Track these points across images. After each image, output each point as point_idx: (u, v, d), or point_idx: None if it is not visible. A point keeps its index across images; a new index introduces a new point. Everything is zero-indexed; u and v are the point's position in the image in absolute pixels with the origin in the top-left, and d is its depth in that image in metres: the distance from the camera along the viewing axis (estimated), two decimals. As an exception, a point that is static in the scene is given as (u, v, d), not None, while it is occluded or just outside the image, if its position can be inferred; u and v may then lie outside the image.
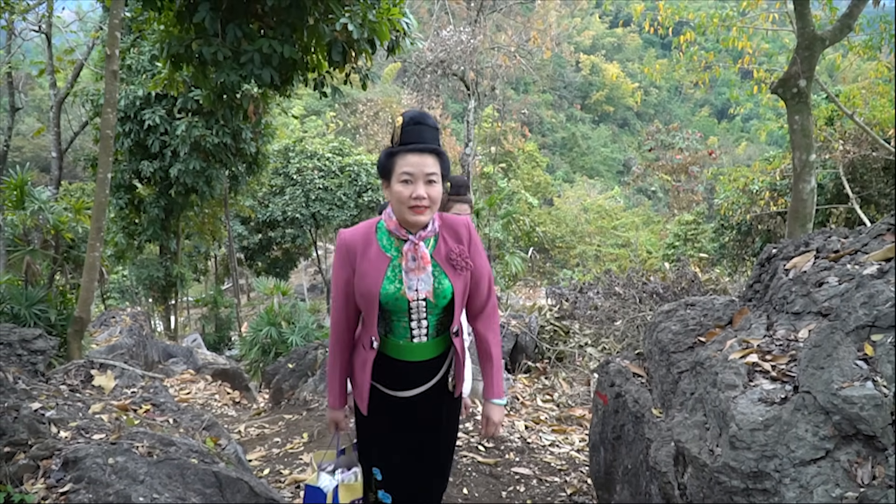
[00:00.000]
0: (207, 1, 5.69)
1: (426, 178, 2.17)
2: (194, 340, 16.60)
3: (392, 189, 2.20)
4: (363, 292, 2.28)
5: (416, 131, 2.21)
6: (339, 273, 2.35)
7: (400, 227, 2.26)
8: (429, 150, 2.19)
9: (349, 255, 2.31)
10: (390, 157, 2.22)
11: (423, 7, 25.77)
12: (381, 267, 2.28)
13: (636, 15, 11.77)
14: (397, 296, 2.28)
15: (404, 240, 2.28)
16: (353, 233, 2.34)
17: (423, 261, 2.28)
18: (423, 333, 2.39)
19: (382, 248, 2.31)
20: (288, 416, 6.27)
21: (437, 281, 2.31)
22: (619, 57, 69.23)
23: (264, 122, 14.94)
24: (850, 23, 6.61)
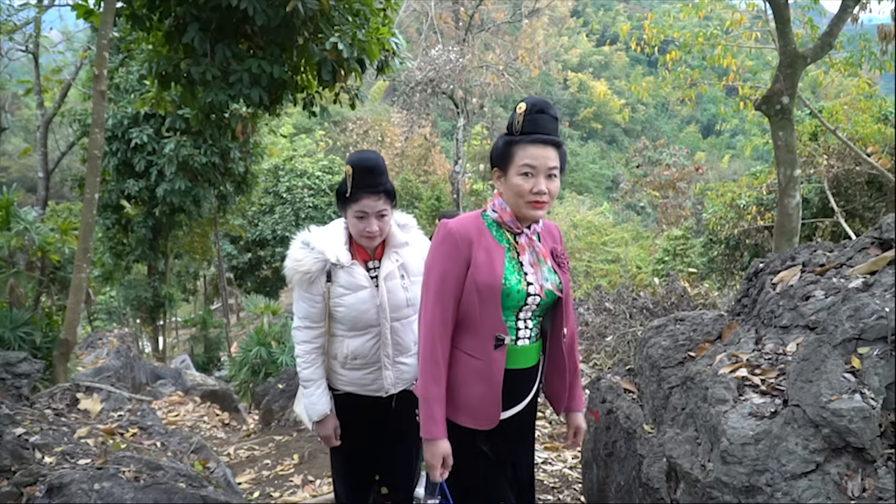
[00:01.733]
0: (196, 21, 5.70)
1: (548, 171, 2.06)
2: (183, 361, 16.46)
3: (509, 181, 2.08)
4: (484, 284, 2.06)
5: (539, 121, 2.06)
6: (448, 266, 2.09)
7: (515, 220, 2.13)
8: (552, 142, 2.06)
9: (462, 244, 2.08)
10: (509, 146, 2.07)
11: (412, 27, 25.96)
12: (498, 257, 2.10)
13: (622, 34, 11.90)
14: (518, 288, 2.10)
15: (517, 233, 2.16)
16: (463, 222, 2.14)
17: (543, 255, 2.18)
18: (528, 336, 2.20)
19: (496, 239, 2.14)
20: (278, 438, 6.21)
21: (549, 276, 2.18)
22: (606, 74, 69.80)
23: (253, 141, 14.95)
24: (830, 41, 6.72)
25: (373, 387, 2.68)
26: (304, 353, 2.64)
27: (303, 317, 2.62)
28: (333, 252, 2.56)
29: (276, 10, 5.50)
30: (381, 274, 2.63)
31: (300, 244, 2.62)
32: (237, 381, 11.24)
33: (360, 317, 2.59)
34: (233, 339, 20.38)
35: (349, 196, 2.51)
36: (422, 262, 2.70)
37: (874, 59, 9.54)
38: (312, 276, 2.56)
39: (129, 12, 5.84)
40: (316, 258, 2.55)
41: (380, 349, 2.65)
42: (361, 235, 2.56)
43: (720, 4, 11.17)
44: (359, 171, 2.51)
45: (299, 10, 5.46)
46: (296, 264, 2.56)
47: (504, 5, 24.30)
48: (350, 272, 2.58)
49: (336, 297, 2.58)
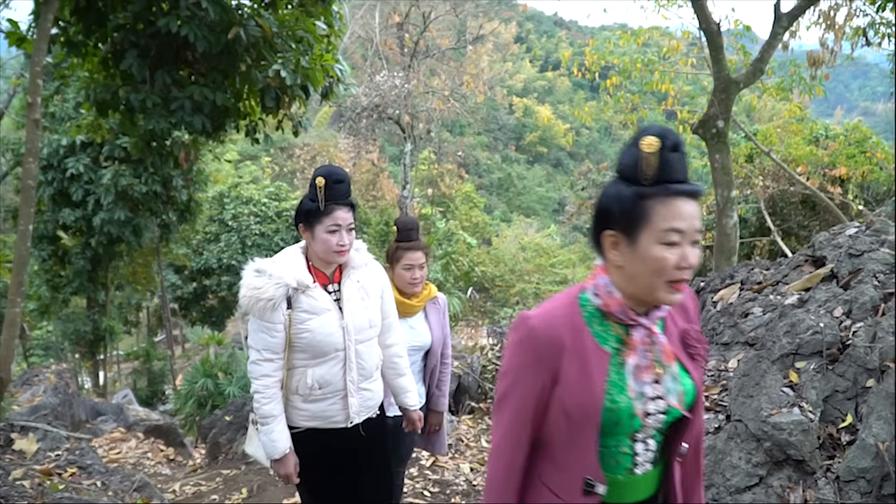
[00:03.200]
0: (135, 47, 5.61)
1: (694, 237, 1.44)
2: (125, 396, 15.94)
3: (641, 251, 1.42)
4: (577, 407, 1.48)
5: (676, 163, 1.43)
6: (527, 383, 1.52)
7: (628, 309, 1.49)
8: (696, 193, 1.44)
9: (549, 352, 1.49)
10: (642, 200, 1.42)
11: (357, 53, 26.05)
12: (600, 370, 1.49)
13: (564, 60, 12.18)
14: (630, 413, 1.49)
15: (629, 325, 1.52)
16: (552, 319, 1.52)
17: (666, 355, 1.52)
18: (649, 459, 1.58)
19: (598, 340, 1.51)
20: (226, 472, 6.05)
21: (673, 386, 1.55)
22: (550, 99, 71.14)
23: (196, 168, 14.71)
24: (761, 66, 7.00)
25: (337, 417, 2.59)
26: (263, 388, 2.50)
27: (262, 349, 2.49)
28: (293, 276, 2.46)
29: (217, 37, 5.46)
30: (344, 296, 2.57)
31: (254, 272, 2.49)
32: (182, 414, 10.95)
33: (325, 341, 2.50)
34: (178, 372, 19.86)
35: (322, 209, 2.44)
36: (378, 284, 2.73)
37: (804, 85, 9.95)
38: (276, 301, 2.43)
39: (64, 38, 5.71)
40: (277, 283, 2.44)
41: (345, 374, 2.56)
42: (332, 251, 2.48)
43: (657, 32, 11.53)
44: (331, 183, 2.45)
45: (241, 36, 5.43)
46: (255, 292, 2.43)
47: (448, 32, 24.63)
48: (312, 295, 2.49)
49: (299, 323, 2.47)
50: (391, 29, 22.53)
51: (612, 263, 1.50)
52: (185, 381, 11.36)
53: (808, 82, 9.87)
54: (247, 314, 2.52)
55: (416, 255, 3.12)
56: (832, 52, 9.57)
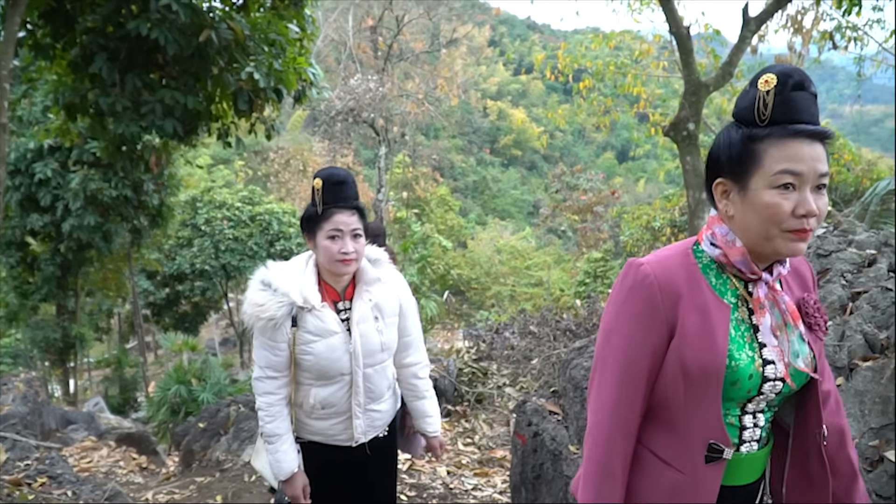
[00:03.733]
0: (104, 50, 5.54)
1: (818, 180, 1.31)
2: (96, 404, 15.70)
3: (752, 197, 1.30)
4: (697, 364, 1.32)
5: (798, 101, 1.30)
6: (639, 333, 1.36)
7: (750, 260, 1.35)
8: (821, 134, 1.31)
9: (665, 299, 1.35)
10: (752, 142, 1.30)
11: (331, 56, 25.97)
12: (722, 322, 1.35)
13: (537, 63, 12.28)
14: (751, 371, 1.34)
15: (750, 280, 1.39)
16: (665, 264, 1.38)
17: (792, 315, 1.39)
18: (756, 437, 1.43)
19: (717, 292, 1.38)
20: (200, 479, 5.98)
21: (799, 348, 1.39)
22: (524, 102, 71.55)
23: (168, 173, 14.54)
24: (730, 70, 7.10)
25: (341, 437, 2.47)
26: (266, 405, 2.37)
27: (264, 366, 2.35)
28: (300, 293, 2.28)
29: (188, 40, 5.40)
30: (354, 317, 2.37)
31: (260, 285, 2.31)
32: (155, 422, 10.81)
33: (330, 365, 2.34)
34: (150, 379, 19.60)
35: (320, 213, 2.29)
36: (396, 302, 2.50)
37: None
38: (277, 322, 2.26)
39: (32, 41, 5.62)
40: (280, 301, 2.26)
41: (351, 398, 2.41)
42: (335, 260, 2.28)
43: (629, 35, 11.67)
44: (329, 185, 2.29)
45: (213, 39, 5.38)
46: (257, 310, 2.26)
47: (422, 35, 24.66)
48: (319, 316, 2.30)
49: (303, 343, 2.31)
50: (365, 32, 22.52)
51: (724, 214, 1.37)
52: (157, 387, 11.23)
53: (776, 86, 10.02)
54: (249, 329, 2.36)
55: None
56: (800, 55, 9.75)
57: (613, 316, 1.41)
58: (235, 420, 6.78)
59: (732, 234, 1.36)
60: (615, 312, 1.41)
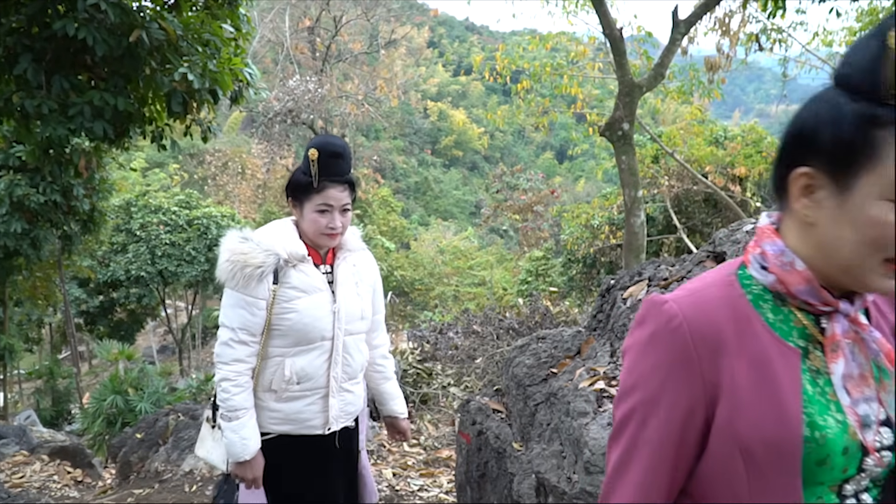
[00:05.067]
0: (29, 51, 5.33)
1: None
2: (28, 417, 15.11)
3: (864, 208, 0.86)
4: (761, 439, 0.92)
5: None
6: (670, 396, 0.97)
7: (820, 288, 0.95)
8: None
9: (701, 351, 0.95)
10: (873, 125, 0.86)
11: (268, 57, 25.60)
12: (792, 377, 0.94)
13: (476, 64, 12.37)
14: (845, 444, 0.93)
15: (819, 313, 0.98)
16: (700, 300, 0.98)
17: (887, 357, 0.96)
18: None
19: (777, 333, 0.97)
20: (138, 491, 5.82)
21: None
22: (464, 103, 71.95)
23: (99, 177, 14.08)
24: (662, 71, 7.30)
25: (314, 421, 2.28)
26: (235, 374, 2.16)
27: (239, 327, 2.15)
28: (285, 246, 2.18)
29: (118, 40, 5.25)
30: (338, 278, 2.29)
31: (238, 238, 2.17)
32: (90, 434, 10.48)
33: (313, 325, 2.19)
34: (84, 390, 18.98)
35: (315, 186, 2.18)
36: (373, 273, 2.48)
37: (703, 88, 10.44)
38: (264, 270, 2.11)
39: (-50, 42, 5.37)
40: (267, 250, 2.14)
41: (329, 370, 2.26)
42: (321, 233, 2.22)
43: (565, 37, 11.85)
44: (325, 156, 2.18)
45: (144, 39, 5.24)
46: (242, 257, 2.11)
47: (361, 36, 24.55)
48: (305, 271, 2.21)
49: (285, 301, 2.16)
50: (302, 33, 22.29)
51: (800, 219, 0.95)
52: (92, 398, 10.87)
53: (706, 86, 10.37)
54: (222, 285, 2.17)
55: None
56: (728, 56, 10.08)
57: (632, 373, 1.02)
58: (175, 429, 6.62)
59: (790, 253, 0.96)
60: (634, 369, 1.02)
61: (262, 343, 2.18)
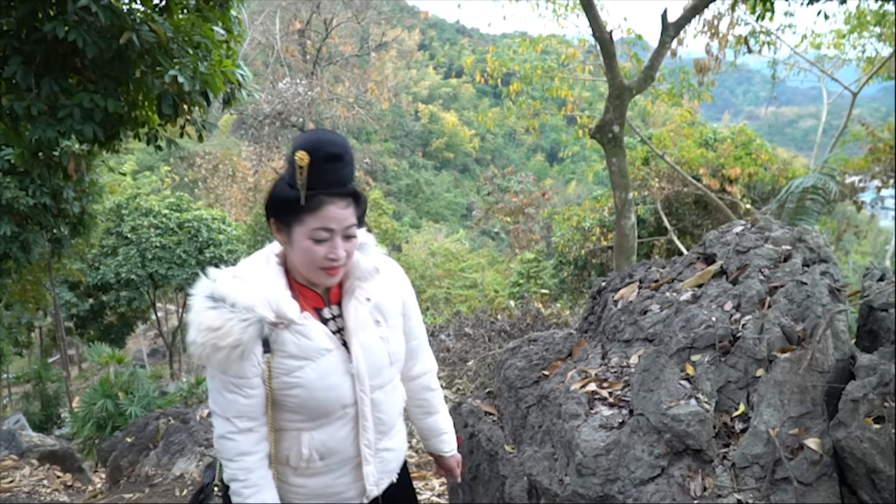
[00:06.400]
0: (19, 54, 5.30)
1: None
2: (17, 422, 15.02)
3: None
4: None
5: None
6: None
7: None
8: None
9: None
10: None
11: (258, 59, 25.55)
12: None
13: (467, 67, 12.39)
14: None
15: None
16: None
17: None
18: None
19: None
20: (128, 496, 5.80)
21: None
22: (455, 106, 71.96)
23: (89, 180, 14.01)
24: (652, 73, 7.34)
25: (348, 493, 1.83)
26: (243, 472, 1.68)
27: (233, 416, 1.67)
28: (268, 305, 1.63)
29: (108, 43, 5.23)
30: (350, 325, 1.74)
31: (208, 302, 1.61)
32: (80, 438, 10.43)
33: (326, 397, 1.70)
34: (74, 394, 18.87)
35: (303, 202, 1.58)
36: (399, 298, 1.90)
37: (693, 90, 10.50)
38: (245, 348, 1.59)
39: (-62, 44, 5.34)
40: (244, 320, 1.58)
41: (358, 437, 1.79)
42: (318, 267, 1.65)
43: (555, 40, 11.90)
44: (319, 161, 1.56)
45: (134, 42, 5.22)
46: (212, 336, 1.57)
47: (351, 39, 24.55)
48: (302, 332, 1.67)
49: (285, 374, 1.66)
50: (292, 35, 22.26)
51: None
52: (82, 402, 10.82)
53: (696, 88, 10.43)
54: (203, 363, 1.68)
55: None
56: (717, 59, 10.15)
57: None
58: (165, 433, 6.60)
59: None
60: None
61: (270, 417, 1.70)
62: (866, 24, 12.39)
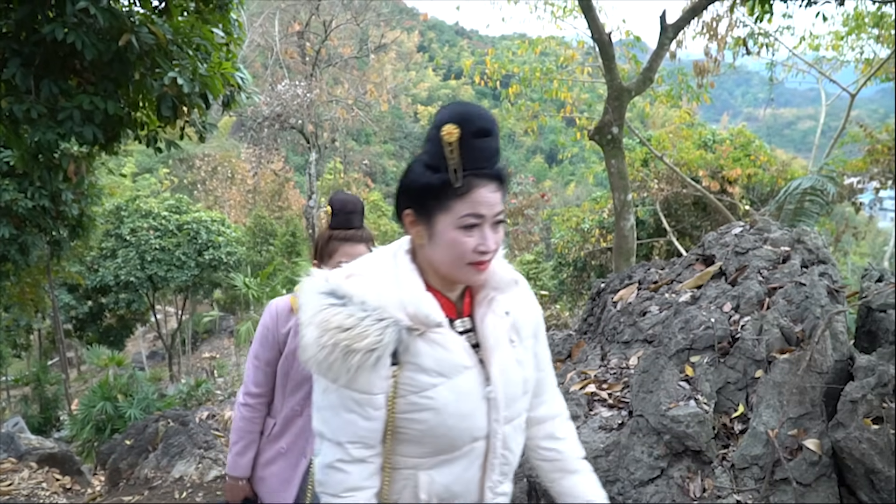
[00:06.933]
0: (18, 56, 5.30)
1: None
2: (16, 424, 14.97)
3: None
4: None
5: None
6: None
7: None
8: None
9: None
10: None
11: (258, 62, 25.55)
12: None
13: (466, 69, 12.40)
14: None
15: None
16: None
17: None
18: None
19: None
20: (127, 498, 5.79)
21: None
22: (454, 107, 72.05)
23: (88, 182, 14.00)
24: (650, 75, 7.35)
25: None
26: None
27: (350, 441, 1.38)
28: (401, 305, 1.36)
29: (107, 45, 5.23)
30: (488, 342, 1.45)
31: (329, 299, 1.35)
32: (79, 440, 10.42)
33: (459, 426, 1.41)
34: (73, 396, 18.84)
35: (457, 184, 1.32)
36: (534, 317, 1.61)
37: (692, 92, 10.52)
38: (382, 353, 1.32)
39: (-62, 46, 5.34)
40: (380, 320, 1.32)
41: (483, 479, 1.49)
42: (467, 262, 1.38)
43: (554, 41, 11.92)
44: (469, 137, 1.30)
45: (133, 44, 5.22)
46: (345, 337, 1.30)
47: (350, 41, 24.55)
48: (440, 341, 1.39)
49: (414, 391, 1.37)
50: (292, 37, 22.27)
51: None
52: (81, 405, 10.81)
53: (695, 90, 10.45)
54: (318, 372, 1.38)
55: (356, 250, 2.16)
56: (715, 60, 10.16)
57: None
58: (164, 436, 6.59)
59: None
60: None
61: (386, 447, 1.42)
62: (864, 25, 12.41)
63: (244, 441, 2.41)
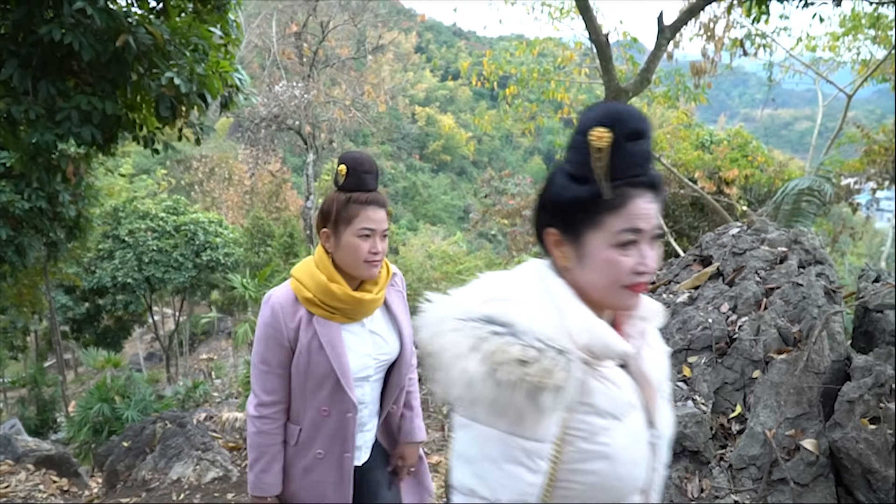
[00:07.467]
0: (15, 57, 5.30)
1: None
2: (13, 426, 14.94)
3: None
4: None
5: None
6: None
7: None
8: None
9: None
10: None
11: (255, 62, 25.55)
12: None
13: (464, 70, 12.41)
14: None
15: None
16: None
17: None
18: None
19: None
20: (125, 500, 5.78)
21: None
22: (452, 108, 72.06)
23: (86, 183, 13.99)
24: (648, 76, 7.36)
25: None
26: None
27: (510, 500, 1.10)
28: (573, 334, 1.14)
29: (105, 45, 5.23)
30: (649, 376, 1.26)
31: (486, 326, 1.07)
32: (77, 442, 10.40)
33: (630, 475, 1.18)
34: (70, 398, 18.83)
35: (609, 195, 1.12)
36: (666, 354, 1.42)
37: (689, 93, 10.53)
38: (568, 392, 1.05)
39: (-65, 47, 5.33)
40: (560, 352, 1.05)
41: None
42: (623, 285, 1.16)
43: (552, 42, 11.93)
44: (622, 140, 1.10)
45: (131, 44, 5.22)
46: (528, 374, 1.03)
47: (348, 42, 24.55)
48: (611, 377, 1.17)
49: (584, 438, 1.14)
50: (289, 38, 22.27)
51: None
52: (78, 406, 10.80)
53: (692, 91, 10.46)
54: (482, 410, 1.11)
55: (379, 215, 1.97)
56: (713, 61, 10.17)
57: None
58: (162, 437, 6.58)
59: None
60: None
61: None
62: (861, 26, 12.44)
63: (267, 456, 2.10)
